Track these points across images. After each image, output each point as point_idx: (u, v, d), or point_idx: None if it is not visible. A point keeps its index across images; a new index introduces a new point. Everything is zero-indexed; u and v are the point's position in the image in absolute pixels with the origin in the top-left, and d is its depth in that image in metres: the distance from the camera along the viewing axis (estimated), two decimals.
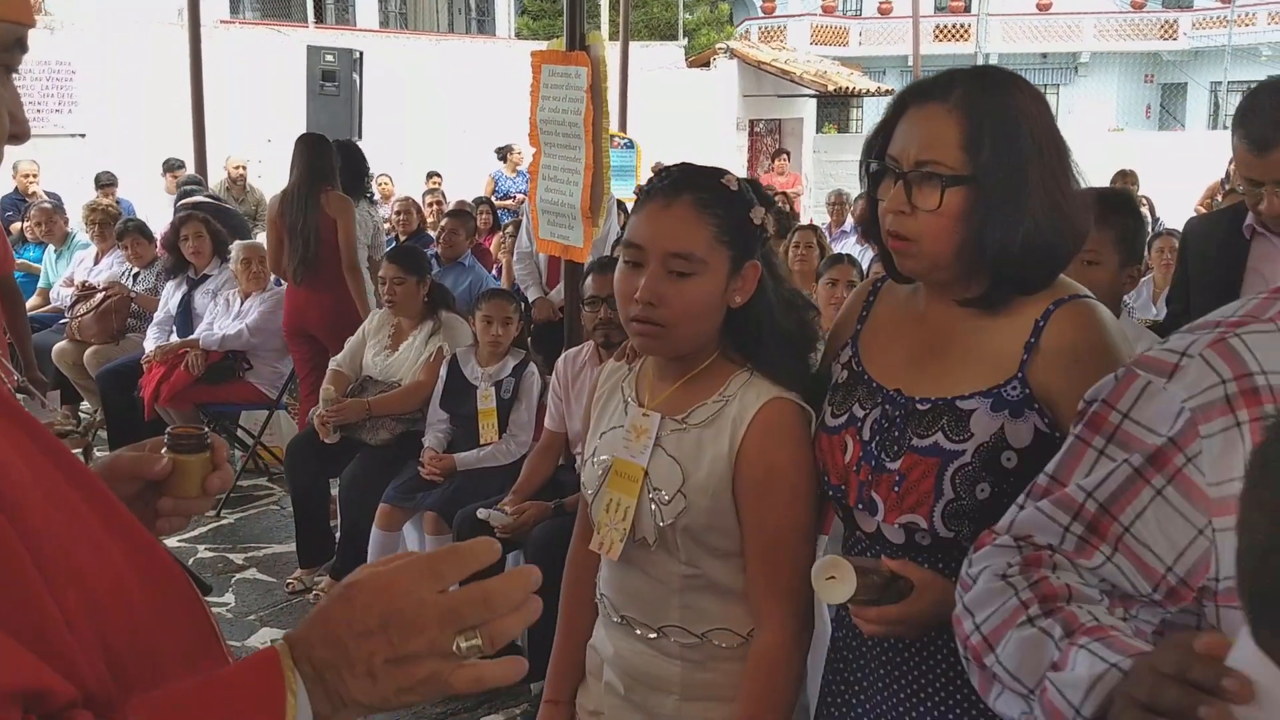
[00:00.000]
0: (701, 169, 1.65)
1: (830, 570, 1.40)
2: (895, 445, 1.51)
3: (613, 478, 1.70)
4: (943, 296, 1.53)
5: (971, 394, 1.47)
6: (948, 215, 1.43)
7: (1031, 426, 1.44)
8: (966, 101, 1.44)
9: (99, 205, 7.05)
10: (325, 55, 8.70)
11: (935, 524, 1.47)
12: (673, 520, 1.63)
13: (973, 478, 1.45)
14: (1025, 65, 26.82)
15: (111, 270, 6.50)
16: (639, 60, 11.03)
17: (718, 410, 1.64)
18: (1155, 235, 7.17)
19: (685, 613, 1.68)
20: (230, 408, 5.70)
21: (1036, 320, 1.47)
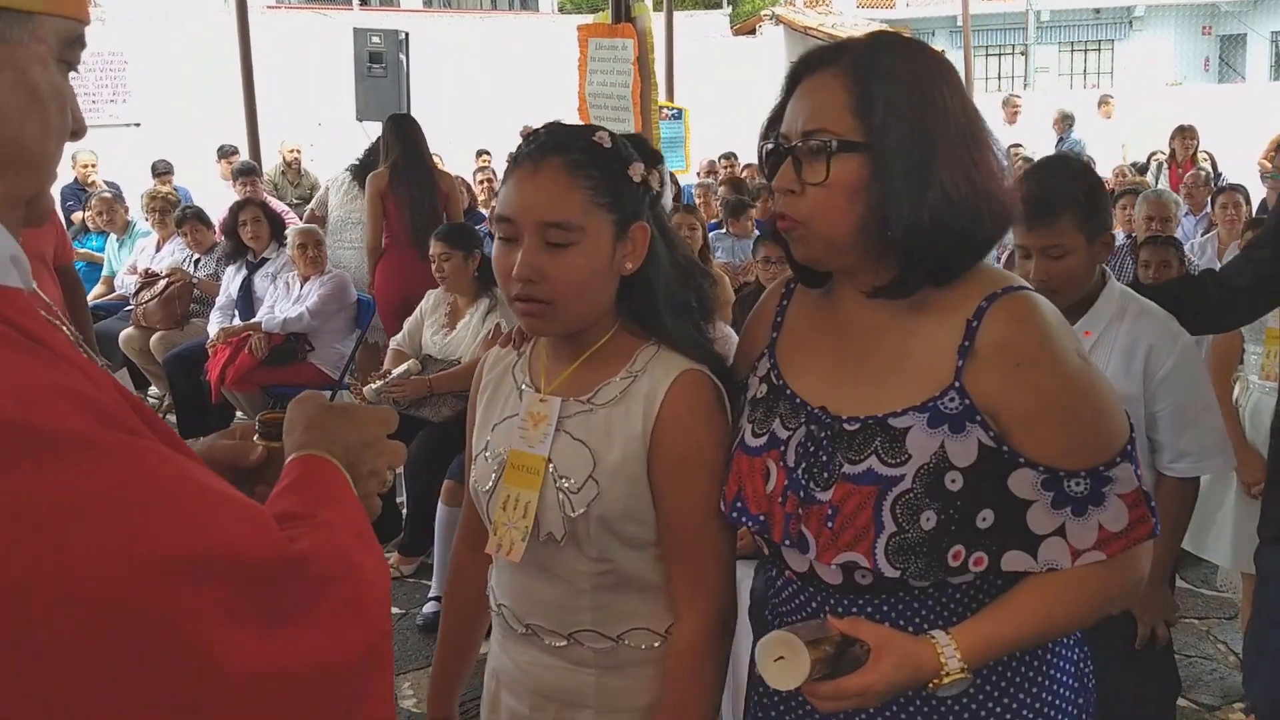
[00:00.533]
0: (570, 128, 1.50)
1: (778, 649, 1.21)
2: (825, 473, 1.33)
3: (509, 472, 1.53)
4: (858, 295, 1.37)
5: (905, 409, 1.30)
6: (838, 187, 1.28)
7: (975, 442, 1.28)
8: (855, 64, 1.30)
9: (158, 193, 7.17)
10: (371, 37, 8.77)
11: (878, 562, 1.29)
12: (585, 509, 1.47)
13: (915, 506, 1.28)
14: (1078, 21, 26.26)
15: (173, 257, 6.63)
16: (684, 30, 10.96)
17: (626, 387, 1.50)
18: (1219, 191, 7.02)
19: (598, 614, 1.53)
20: (294, 389, 5.79)
21: (969, 320, 1.30)
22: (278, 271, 5.77)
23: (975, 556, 1.29)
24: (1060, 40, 26.76)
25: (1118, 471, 1.29)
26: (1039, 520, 1.28)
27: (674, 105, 8.12)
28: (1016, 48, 26.01)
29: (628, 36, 4.16)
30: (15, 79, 0.84)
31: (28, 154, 0.87)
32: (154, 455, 0.79)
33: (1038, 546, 1.29)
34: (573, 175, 1.43)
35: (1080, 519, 1.28)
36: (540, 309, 1.45)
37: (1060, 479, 1.27)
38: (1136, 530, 1.30)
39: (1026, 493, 1.28)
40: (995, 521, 1.28)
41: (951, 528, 1.27)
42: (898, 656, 1.25)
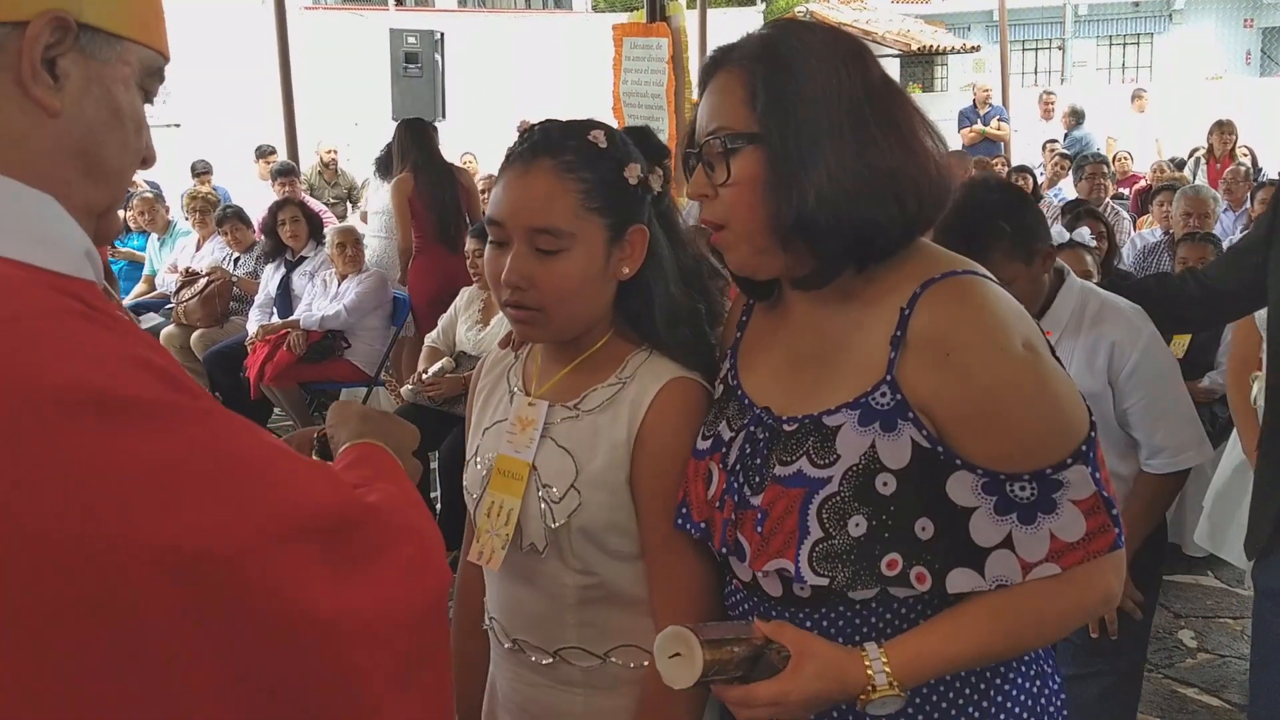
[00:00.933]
0: (566, 125, 1.42)
1: (674, 645, 1.14)
2: (758, 476, 1.26)
3: (495, 477, 1.47)
4: (807, 294, 1.30)
5: (838, 406, 1.22)
6: (744, 183, 1.21)
7: (908, 441, 1.18)
8: (747, 56, 1.24)
9: (198, 194, 7.28)
10: (407, 37, 8.83)
11: (801, 569, 1.20)
12: (565, 520, 1.41)
13: (843, 510, 1.19)
14: (1117, 15, 25.96)
15: (213, 256, 6.73)
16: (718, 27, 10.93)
17: (614, 394, 1.43)
18: (1258, 186, 6.94)
19: (584, 631, 1.45)
20: (331, 385, 5.88)
21: (902, 307, 1.20)
22: (316, 270, 5.85)
23: (916, 571, 1.18)
24: (1098, 34, 26.45)
25: (1070, 475, 1.17)
26: (983, 530, 1.17)
27: None
28: (1054, 42, 25.75)
29: (662, 35, 4.19)
30: (101, 95, 0.90)
31: (106, 168, 0.92)
32: (231, 420, 0.85)
33: (984, 561, 1.18)
34: (563, 179, 1.36)
35: (1029, 528, 1.16)
36: (530, 316, 1.39)
37: (1002, 482, 1.16)
38: (1096, 541, 1.18)
39: (966, 498, 1.17)
40: (936, 532, 1.18)
41: (885, 535, 1.17)
42: (820, 665, 1.16)
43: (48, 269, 0.85)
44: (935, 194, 1.22)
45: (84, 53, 0.87)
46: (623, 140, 1.43)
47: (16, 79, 0.85)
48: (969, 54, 18.62)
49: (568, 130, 1.41)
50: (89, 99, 0.89)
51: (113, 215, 0.97)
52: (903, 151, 1.20)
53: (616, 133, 1.44)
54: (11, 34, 0.84)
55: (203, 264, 6.66)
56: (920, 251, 1.26)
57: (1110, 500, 1.19)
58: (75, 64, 0.87)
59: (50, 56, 0.85)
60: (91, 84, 0.89)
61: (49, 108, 0.86)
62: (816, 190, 1.17)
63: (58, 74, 0.86)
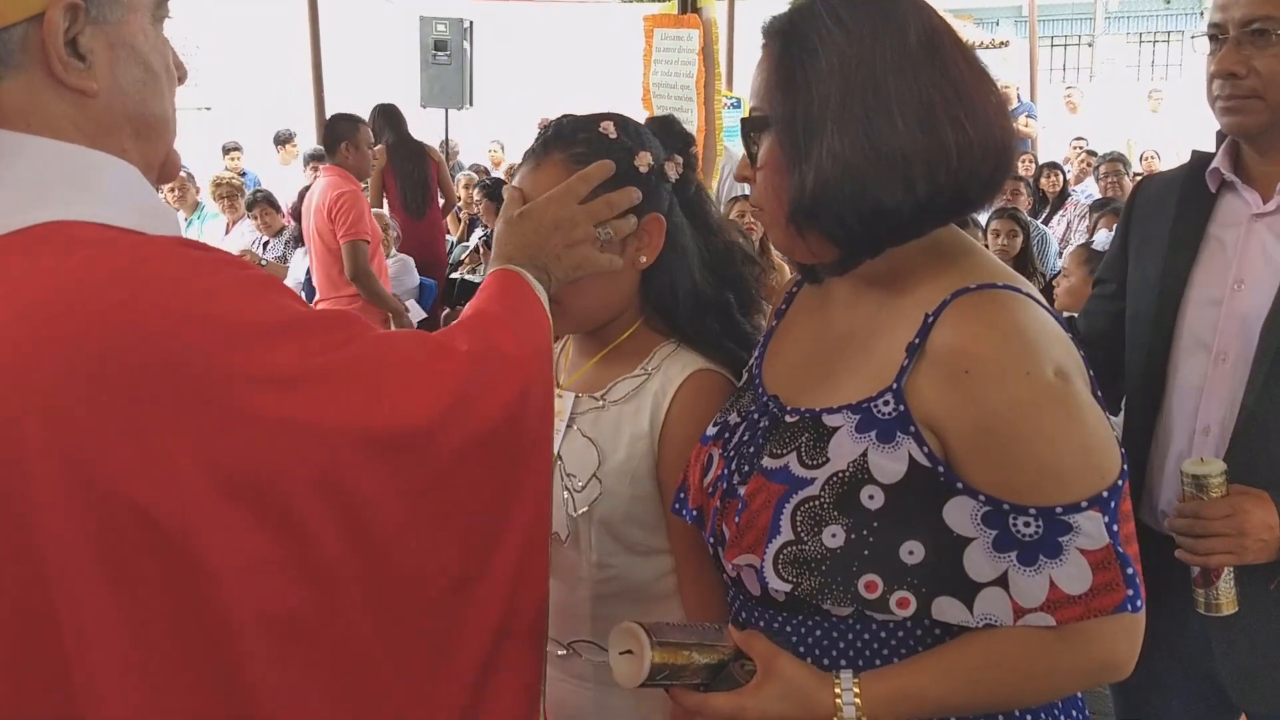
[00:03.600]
0: (580, 119, 1.44)
1: (627, 642, 1.09)
2: (747, 464, 1.20)
3: None
4: (845, 282, 1.24)
5: (841, 406, 1.15)
6: (766, 166, 1.17)
7: (905, 456, 1.10)
8: (775, 30, 1.18)
9: (223, 180, 7.34)
10: (437, 25, 8.87)
11: (764, 569, 1.13)
12: (586, 509, 1.41)
13: (819, 517, 1.11)
14: (1148, 11, 25.75)
15: (243, 239, 6.80)
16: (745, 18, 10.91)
17: (639, 385, 1.43)
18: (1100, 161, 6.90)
19: (598, 625, 1.44)
20: None
21: (927, 314, 1.12)
22: None
23: (899, 596, 1.09)
24: (1128, 31, 26.26)
25: (1081, 520, 1.06)
26: (978, 564, 1.08)
27: (734, 95, 8.13)
28: (1083, 39, 25.57)
29: (694, 27, 4.21)
30: (128, 56, 0.91)
31: (152, 120, 0.94)
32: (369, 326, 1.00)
33: (975, 596, 1.09)
34: (573, 171, 1.36)
35: (1028, 570, 1.06)
36: (552, 309, 1.39)
37: (1005, 514, 1.07)
38: (1100, 599, 1.06)
39: (964, 527, 1.08)
40: (925, 558, 1.09)
41: (864, 552, 1.10)
42: (785, 687, 1.10)
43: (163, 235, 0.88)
44: (956, 180, 1.11)
45: (98, 22, 0.88)
46: (636, 130, 1.43)
47: (48, 71, 0.86)
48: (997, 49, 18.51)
49: (580, 123, 1.42)
50: (118, 65, 0.90)
51: (171, 154, 1.00)
52: (922, 133, 1.09)
53: (630, 123, 1.44)
54: (31, 29, 0.85)
55: (232, 247, 6.71)
56: (965, 257, 1.18)
57: (1126, 558, 1.07)
58: (95, 37, 0.88)
59: (70, 38, 0.86)
60: (116, 49, 0.90)
61: (87, 90, 0.88)
62: (816, 173, 1.10)
63: (82, 53, 0.87)
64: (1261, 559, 1.57)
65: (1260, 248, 1.68)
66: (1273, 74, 1.61)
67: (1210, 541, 1.56)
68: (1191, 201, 1.78)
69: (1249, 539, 1.54)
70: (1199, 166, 1.79)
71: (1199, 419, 1.69)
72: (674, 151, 1.46)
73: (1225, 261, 1.71)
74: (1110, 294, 1.93)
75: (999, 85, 1.17)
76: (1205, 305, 1.71)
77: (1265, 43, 1.61)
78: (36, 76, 0.86)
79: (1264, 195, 1.69)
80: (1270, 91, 1.62)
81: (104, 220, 0.85)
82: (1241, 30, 1.63)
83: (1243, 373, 1.64)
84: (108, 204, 0.86)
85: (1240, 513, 1.55)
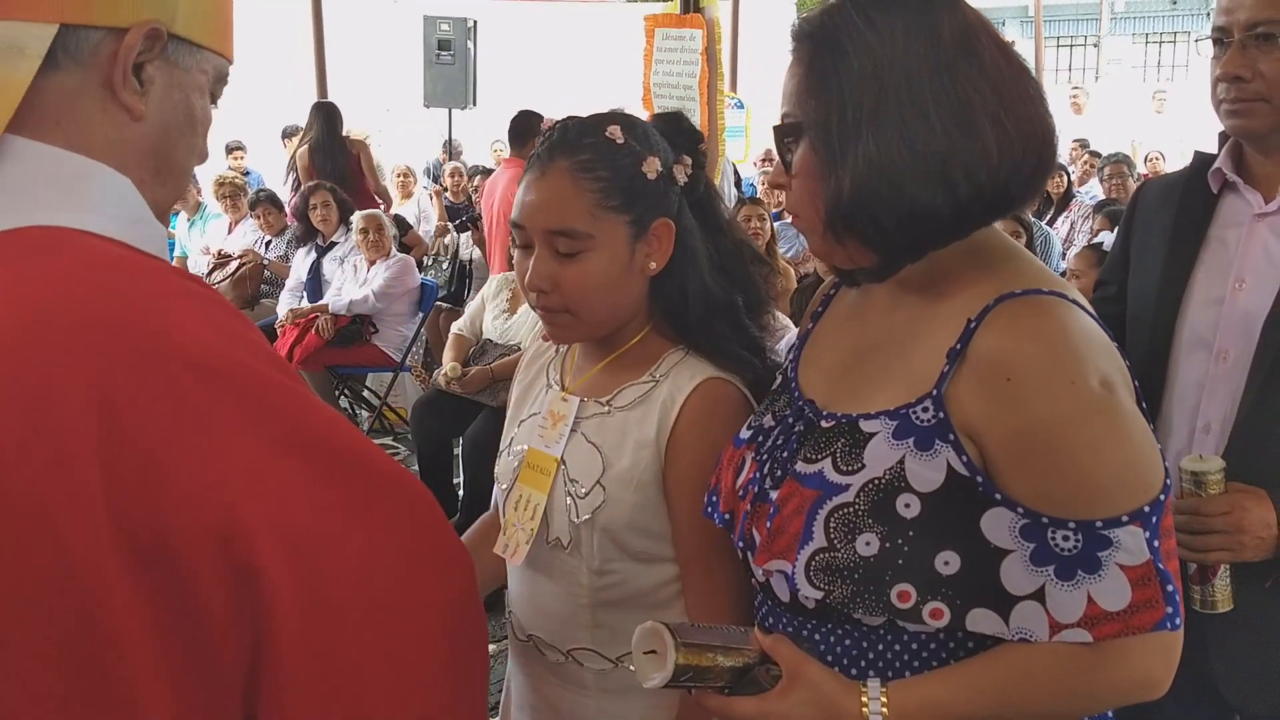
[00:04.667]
0: (584, 122, 1.40)
1: (651, 641, 1.08)
2: (780, 469, 1.18)
3: (525, 471, 1.46)
4: (884, 287, 1.22)
5: (879, 412, 1.13)
6: (800, 173, 1.14)
7: (943, 464, 1.07)
8: (805, 33, 1.15)
9: (225, 179, 7.34)
10: (441, 24, 8.88)
11: (795, 575, 1.12)
12: (589, 515, 1.39)
13: (853, 524, 1.09)
14: (1154, 12, 25.69)
15: (245, 239, 6.80)
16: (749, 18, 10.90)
17: (646, 392, 1.41)
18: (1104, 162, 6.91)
19: (598, 633, 1.42)
20: (358, 370, 5.93)
21: (969, 320, 1.09)
22: (346, 255, 5.91)
23: (933, 607, 1.08)
24: (1134, 31, 26.20)
25: (1122, 535, 1.03)
26: (1014, 577, 1.06)
27: (736, 95, 8.11)
28: (1089, 39, 25.52)
29: (696, 27, 4.19)
30: (180, 101, 0.94)
31: (174, 169, 0.96)
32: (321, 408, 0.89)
33: (1011, 609, 1.07)
34: (579, 179, 1.34)
35: (1066, 584, 1.04)
36: (558, 317, 1.39)
37: (1045, 527, 1.05)
38: (1139, 616, 1.04)
39: (1002, 539, 1.06)
40: (961, 569, 1.07)
41: (899, 561, 1.07)
42: (811, 693, 1.08)
43: (143, 250, 0.89)
44: (997, 179, 1.09)
45: (169, 61, 0.91)
46: (645, 133, 1.39)
47: (105, 81, 0.88)
48: None
49: (585, 128, 1.38)
50: (169, 105, 0.93)
51: (168, 212, 1.02)
52: (960, 132, 1.07)
53: (638, 124, 1.40)
54: (107, 39, 0.87)
55: (235, 247, 6.73)
56: (1008, 261, 1.15)
57: (1166, 575, 1.05)
58: (160, 71, 0.91)
59: (139, 62, 0.89)
60: (173, 90, 0.93)
61: (134, 111, 0.89)
62: (853, 177, 1.08)
63: (143, 79, 0.90)
64: (1258, 557, 1.57)
65: (1262, 247, 1.67)
66: (1278, 77, 1.60)
67: (1208, 539, 1.56)
68: (1193, 202, 1.77)
69: (1246, 536, 1.54)
70: (1201, 168, 1.78)
71: (1199, 417, 1.69)
72: (682, 150, 1.43)
73: (1227, 261, 1.70)
74: (1111, 296, 1.91)
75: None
76: (1206, 304, 1.71)
77: (1270, 46, 1.60)
78: (93, 81, 0.88)
79: (1266, 195, 1.68)
80: (1275, 94, 1.61)
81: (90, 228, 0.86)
82: (1246, 34, 1.62)
83: (1243, 371, 1.63)
84: (97, 212, 0.87)
85: (1238, 510, 1.55)
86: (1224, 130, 1.74)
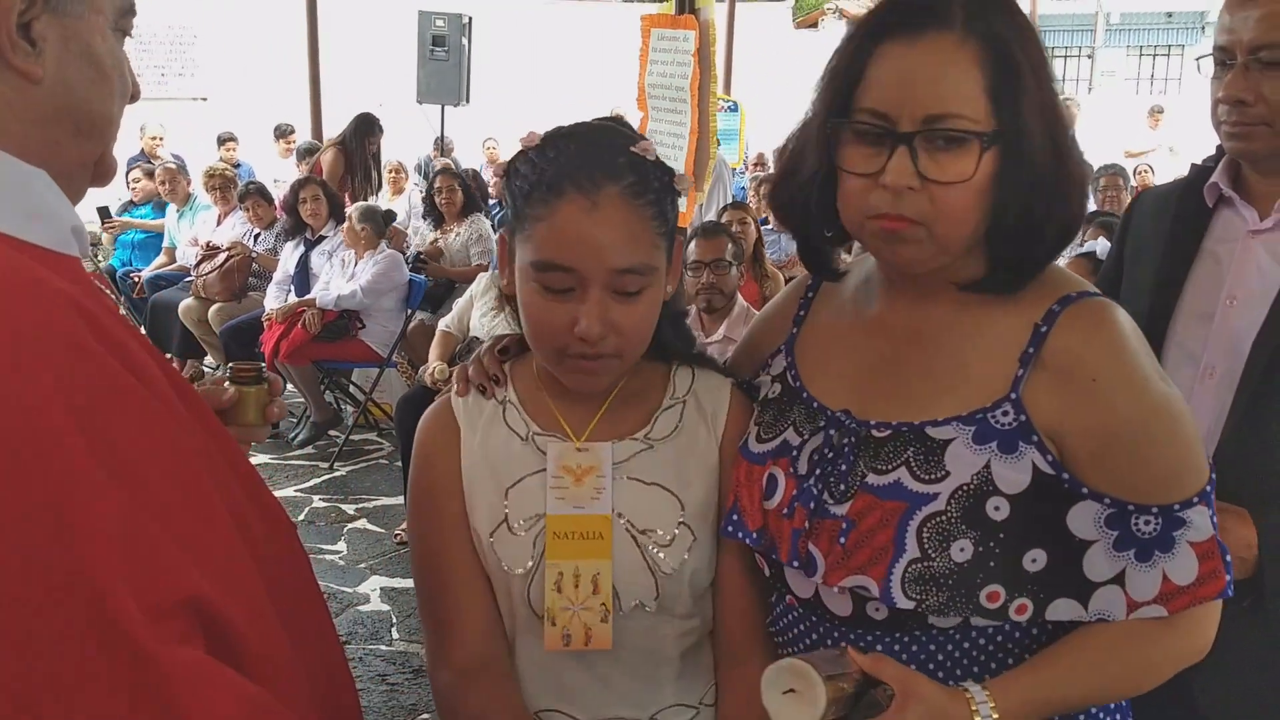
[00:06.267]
0: (605, 139, 1.23)
1: (788, 680, 1.03)
2: (842, 483, 1.16)
3: (555, 542, 1.23)
4: (908, 293, 1.20)
5: (948, 419, 1.12)
6: (970, 184, 1.08)
7: (1029, 466, 1.10)
8: (981, 25, 1.07)
9: (216, 170, 7.31)
10: (435, 20, 8.86)
11: (891, 590, 1.10)
12: (684, 559, 1.24)
13: (947, 532, 1.10)
14: (1150, 25, 25.77)
15: (234, 231, 6.77)
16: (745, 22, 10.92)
17: (681, 415, 1.30)
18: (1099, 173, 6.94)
19: (681, 684, 1.29)
20: (344, 365, 5.91)
21: (1037, 324, 1.12)
22: (334, 249, 5.88)
23: (1019, 603, 1.11)
24: (1129, 44, 26.28)
25: (1193, 514, 1.10)
26: (1097, 565, 1.11)
27: (730, 98, 8.11)
28: (1083, 50, 25.60)
29: (690, 28, 4.16)
30: (80, 52, 0.90)
31: (94, 120, 0.93)
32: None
33: (1092, 594, 1.11)
34: (635, 206, 1.17)
35: (1143, 565, 1.10)
36: (602, 364, 1.21)
37: (1129, 515, 1.09)
38: (1206, 586, 1.11)
39: (1088, 531, 1.10)
40: (1047, 564, 1.11)
41: (990, 564, 1.09)
42: (926, 707, 1.06)
43: (37, 244, 0.85)
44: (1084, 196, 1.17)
45: (57, 13, 0.87)
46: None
47: None
48: None
49: (612, 145, 1.21)
50: (69, 58, 0.89)
51: (107, 157, 0.98)
52: (1074, 148, 1.13)
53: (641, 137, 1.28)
54: None
55: (224, 238, 6.69)
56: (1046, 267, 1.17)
57: (1224, 547, 1.13)
58: (50, 26, 0.87)
59: (24, 22, 0.85)
60: (69, 43, 0.88)
61: (31, 75, 0.86)
62: (1036, 195, 1.09)
63: (34, 39, 0.86)
64: (1239, 577, 1.55)
65: (1255, 265, 1.65)
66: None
67: None
68: (1188, 215, 1.75)
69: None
70: (1197, 180, 1.77)
71: None
72: None
73: (1219, 276, 1.68)
74: None
75: None
76: (1196, 319, 1.69)
77: (1275, 71, 1.57)
78: None
79: (1262, 212, 1.66)
80: (1278, 119, 1.59)
81: None
82: (1250, 56, 1.59)
83: (1229, 388, 1.61)
84: None
85: (1220, 529, 1.54)
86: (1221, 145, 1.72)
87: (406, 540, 4.68)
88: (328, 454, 5.60)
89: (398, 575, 4.25)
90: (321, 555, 4.38)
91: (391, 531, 4.69)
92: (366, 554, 4.50)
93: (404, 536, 4.59)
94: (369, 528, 4.79)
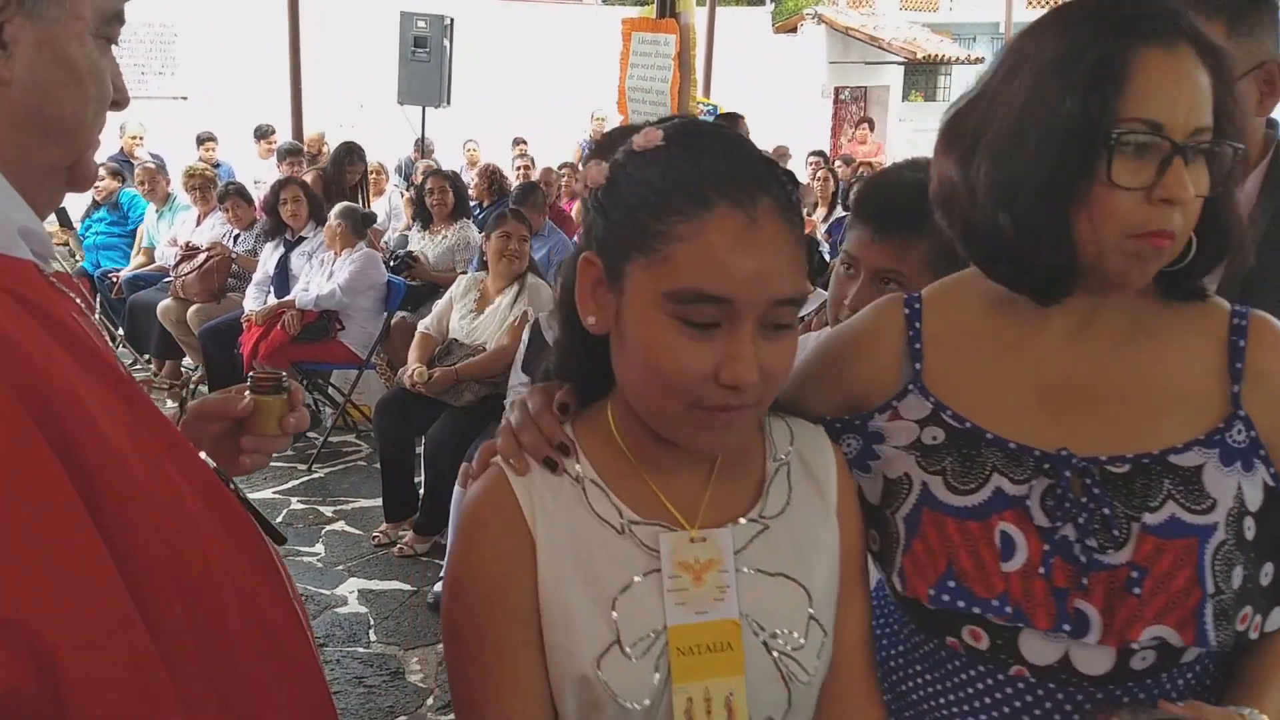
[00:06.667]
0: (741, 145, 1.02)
1: None
2: (1114, 528, 1.06)
3: (680, 660, 1.02)
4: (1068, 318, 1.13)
5: (1187, 444, 1.09)
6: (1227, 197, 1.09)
7: (1260, 481, 1.09)
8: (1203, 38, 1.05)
9: (195, 170, 7.28)
10: (417, 21, 8.85)
11: (1205, 632, 1.03)
12: (817, 663, 1.06)
13: (1229, 560, 1.05)
14: None
15: (214, 231, 6.74)
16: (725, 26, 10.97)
17: (788, 481, 1.11)
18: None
19: None
20: (323, 367, 5.89)
21: (1231, 339, 1.12)
22: (314, 250, 5.86)
23: (1256, 621, 1.08)
24: None
25: None
26: None
27: (710, 101, 8.14)
28: None
29: (670, 32, 4.20)
30: (54, 57, 0.88)
31: (65, 125, 0.91)
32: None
33: None
34: (789, 221, 0.98)
35: None
36: (740, 416, 1.00)
37: None
38: None
39: None
40: (1275, 576, 1.09)
41: (1248, 586, 1.06)
42: None
43: None
44: None
45: (31, 15, 0.85)
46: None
47: None
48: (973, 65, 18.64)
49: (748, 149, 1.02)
50: (41, 62, 0.87)
51: (84, 163, 0.96)
52: None
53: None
54: None
55: (203, 239, 6.66)
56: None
57: None
58: (23, 29, 0.85)
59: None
60: (42, 47, 0.87)
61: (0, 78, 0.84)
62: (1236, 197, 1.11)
63: (5, 41, 0.84)
64: None
65: None
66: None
67: None
68: None
69: None
70: None
71: None
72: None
73: None
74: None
75: None
76: None
77: None
78: None
79: None
80: None
81: None
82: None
83: None
84: None
85: None
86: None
87: (384, 542, 4.64)
88: (306, 456, 5.59)
89: (375, 577, 4.26)
90: (299, 557, 4.38)
91: (369, 534, 4.69)
92: (344, 556, 4.49)
93: (382, 539, 4.60)
94: (347, 530, 4.78)
